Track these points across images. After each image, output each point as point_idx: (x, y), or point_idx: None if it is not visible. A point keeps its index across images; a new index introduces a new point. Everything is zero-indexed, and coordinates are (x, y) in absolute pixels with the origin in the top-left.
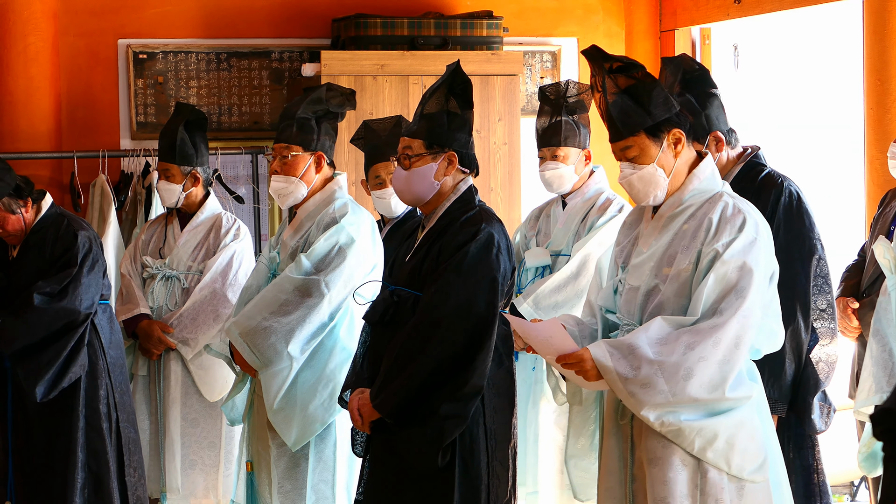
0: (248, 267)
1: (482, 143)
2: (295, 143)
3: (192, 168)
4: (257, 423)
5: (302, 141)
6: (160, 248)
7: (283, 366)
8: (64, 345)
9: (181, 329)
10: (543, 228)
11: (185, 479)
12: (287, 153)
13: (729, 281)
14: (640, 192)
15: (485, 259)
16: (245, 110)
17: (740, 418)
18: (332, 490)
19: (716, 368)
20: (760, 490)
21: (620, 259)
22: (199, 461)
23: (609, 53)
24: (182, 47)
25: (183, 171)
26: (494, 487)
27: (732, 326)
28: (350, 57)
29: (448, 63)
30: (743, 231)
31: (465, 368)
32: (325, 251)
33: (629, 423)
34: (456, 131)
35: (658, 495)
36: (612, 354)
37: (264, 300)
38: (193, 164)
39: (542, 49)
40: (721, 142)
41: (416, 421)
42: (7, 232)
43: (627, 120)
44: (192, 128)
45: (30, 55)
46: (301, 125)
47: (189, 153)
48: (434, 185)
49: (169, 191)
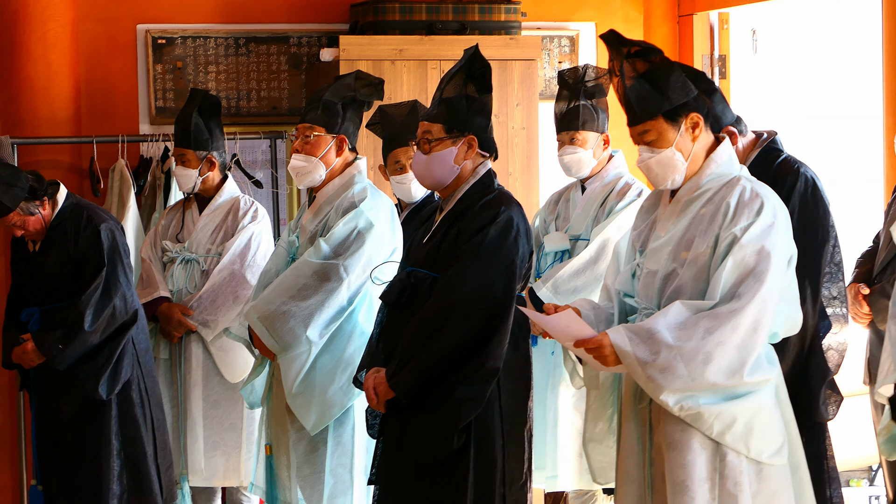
0: (266, 248)
1: (500, 127)
2: (318, 123)
3: (207, 153)
4: (276, 407)
5: (325, 123)
6: (179, 233)
7: (301, 350)
8: (118, 343)
9: (201, 311)
10: (563, 213)
11: (208, 461)
12: (310, 133)
13: (747, 265)
14: (657, 176)
15: (503, 242)
16: (263, 95)
17: (759, 402)
18: (351, 474)
19: (734, 353)
20: (779, 473)
21: (638, 243)
22: (221, 443)
23: (627, 38)
24: (201, 32)
25: (198, 156)
26: (510, 470)
27: (751, 311)
28: (368, 42)
29: (466, 48)
30: (761, 215)
31: (482, 351)
32: (343, 235)
33: (647, 407)
34: (475, 115)
35: (677, 479)
36: (631, 339)
37: (283, 284)
38: (208, 149)
39: (561, 34)
40: (734, 135)
41: (432, 403)
42: (29, 233)
43: (645, 104)
44: (206, 113)
45: (49, 41)
46: (326, 107)
47: (203, 138)
48: (454, 169)
49: (185, 176)
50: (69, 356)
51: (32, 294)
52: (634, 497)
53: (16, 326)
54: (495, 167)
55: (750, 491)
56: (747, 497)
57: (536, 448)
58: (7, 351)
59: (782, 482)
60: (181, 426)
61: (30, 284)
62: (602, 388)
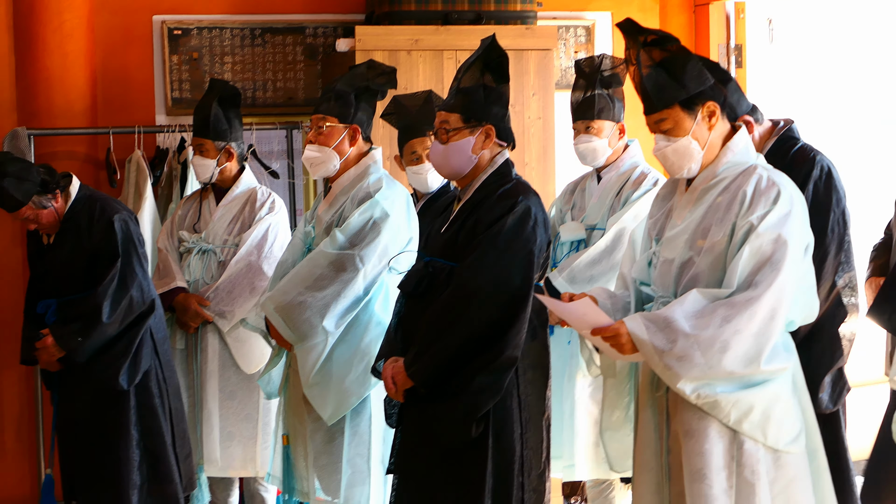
0: (283, 240)
1: (516, 117)
2: (331, 114)
3: (225, 143)
4: (293, 397)
5: (338, 113)
6: (196, 223)
7: (318, 340)
8: (136, 333)
9: (217, 302)
10: (578, 202)
11: (224, 451)
12: (322, 123)
13: (764, 253)
14: (674, 165)
15: (521, 232)
16: (279, 86)
17: (776, 390)
18: (368, 464)
19: (751, 341)
20: (796, 460)
21: (654, 232)
22: (237, 433)
23: (643, 27)
24: (216, 23)
25: (217, 146)
26: (528, 459)
27: (768, 299)
28: (384, 32)
29: (482, 38)
30: (777, 203)
31: (500, 340)
32: (359, 226)
33: (664, 395)
34: (492, 105)
35: (694, 467)
36: (648, 328)
37: (299, 275)
38: (227, 140)
39: (577, 24)
40: (750, 124)
41: (450, 392)
42: (43, 226)
43: (662, 93)
44: (226, 103)
45: (65, 32)
46: (339, 97)
47: (222, 128)
48: (472, 159)
49: (203, 166)
50: (88, 348)
51: (48, 286)
52: (652, 485)
53: (33, 320)
54: (512, 157)
55: (767, 479)
56: (764, 485)
57: (553, 437)
58: (26, 347)
59: (800, 470)
60: (197, 416)
61: (45, 277)
62: (619, 376)
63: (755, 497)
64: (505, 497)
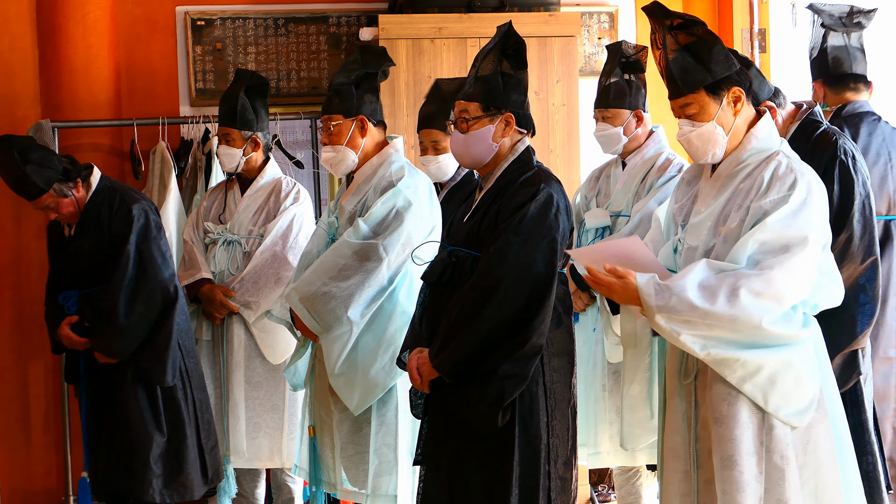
0: (308, 230)
1: (541, 104)
2: (335, 111)
3: (252, 133)
4: (319, 388)
5: (342, 109)
6: (221, 214)
7: (343, 330)
8: (170, 326)
9: (243, 292)
10: (603, 189)
11: (250, 442)
12: (330, 123)
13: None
14: (698, 150)
15: (544, 219)
16: (303, 75)
17: (788, 359)
18: (395, 454)
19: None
20: (824, 444)
21: (679, 217)
22: (264, 424)
23: (670, 10)
24: (240, 13)
25: (243, 135)
26: (554, 447)
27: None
28: (407, 20)
29: (499, 24)
30: (794, 190)
31: (525, 328)
32: (382, 215)
33: (692, 383)
34: (511, 92)
35: (725, 453)
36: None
37: (323, 265)
38: (254, 129)
39: (600, 10)
40: (773, 110)
41: (476, 381)
42: (63, 216)
43: (687, 77)
44: (253, 93)
45: (88, 24)
46: (338, 92)
47: (249, 118)
48: (492, 147)
49: (229, 155)
50: (126, 345)
51: (70, 278)
52: (680, 473)
53: (55, 311)
54: (536, 144)
55: (797, 463)
56: (794, 469)
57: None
58: (54, 336)
59: (828, 455)
60: (224, 408)
61: (67, 269)
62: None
63: (785, 482)
64: (532, 485)
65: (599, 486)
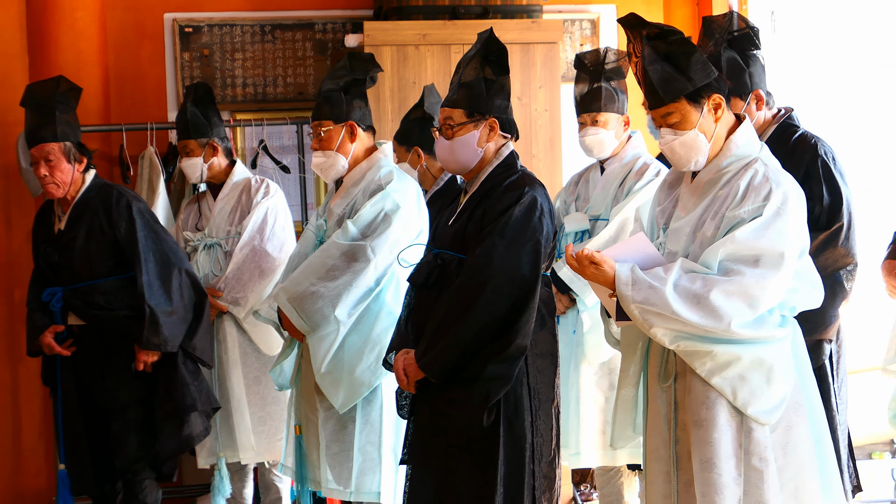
0: (284, 221)
1: (524, 110)
2: (326, 118)
3: (208, 139)
4: (305, 388)
5: (331, 114)
6: (197, 222)
7: (330, 330)
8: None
9: (229, 290)
10: (582, 193)
11: (257, 435)
12: (320, 129)
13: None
14: (682, 158)
15: (528, 222)
16: (290, 81)
17: (760, 356)
18: (379, 452)
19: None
20: (804, 446)
21: (661, 220)
22: (268, 417)
23: (646, 20)
24: (227, 20)
25: (200, 143)
26: (538, 446)
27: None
28: (392, 27)
29: (480, 31)
30: (768, 201)
31: (510, 329)
32: (370, 217)
33: (672, 386)
34: (494, 97)
35: (704, 456)
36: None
37: (311, 266)
38: (209, 135)
39: (582, 17)
40: (761, 100)
41: (462, 381)
42: (53, 178)
43: (668, 86)
44: (202, 102)
45: (78, 30)
46: (327, 98)
47: (201, 125)
48: (477, 153)
49: (191, 166)
50: (172, 337)
51: (59, 274)
52: (662, 474)
53: (39, 308)
54: (519, 149)
55: (776, 465)
56: (773, 471)
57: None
58: (33, 339)
59: (808, 457)
60: (226, 407)
61: (57, 264)
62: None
63: (764, 484)
64: (517, 484)
65: (582, 486)
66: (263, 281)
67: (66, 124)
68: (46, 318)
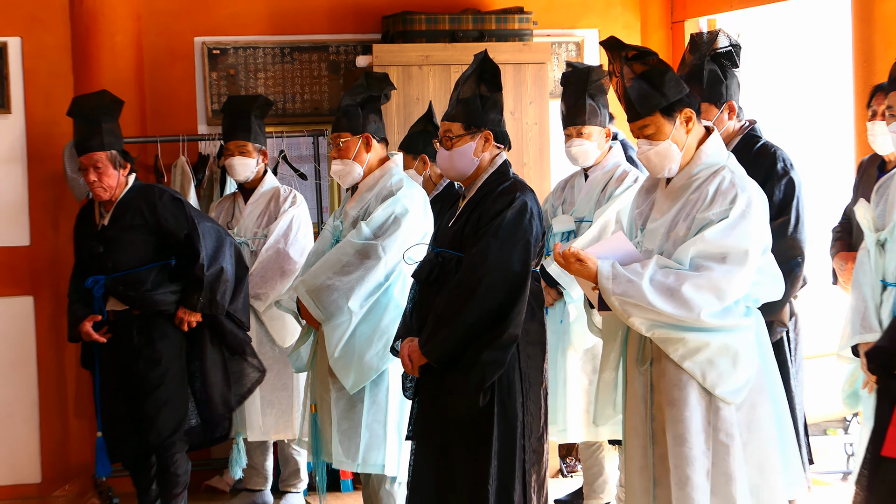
0: (306, 228)
1: (516, 123)
2: (344, 130)
3: (261, 146)
4: (320, 371)
5: (349, 127)
6: (229, 222)
7: (343, 319)
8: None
9: (253, 286)
10: (568, 198)
11: (264, 418)
12: (339, 140)
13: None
14: (656, 166)
15: (519, 224)
16: (307, 98)
17: (726, 343)
18: (384, 429)
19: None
20: (766, 423)
21: (639, 221)
22: (276, 402)
23: (625, 43)
24: (251, 43)
25: (256, 148)
26: (529, 424)
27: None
28: (398, 49)
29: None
30: (734, 204)
31: (503, 320)
32: (382, 219)
33: (648, 369)
34: (489, 112)
35: (676, 432)
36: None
37: (328, 262)
38: (263, 144)
39: (568, 40)
40: (733, 111)
41: (460, 367)
42: (101, 184)
43: (644, 102)
44: (262, 113)
45: (117, 52)
46: (346, 113)
47: (261, 134)
48: (474, 161)
49: (245, 165)
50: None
51: (103, 264)
52: (639, 448)
53: (80, 301)
54: (511, 158)
55: (741, 440)
56: (738, 446)
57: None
58: (74, 326)
59: (770, 433)
60: None
61: (101, 255)
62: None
63: (730, 457)
64: (509, 457)
65: (567, 459)
66: (284, 280)
67: (110, 134)
68: (86, 309)
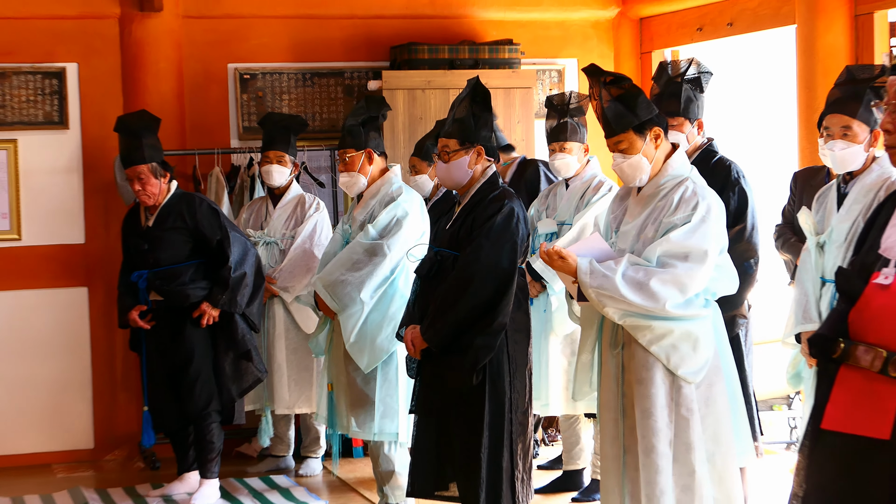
0: (327, 231)
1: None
2: (348, 146)
3: (294, 158)
4: (336, 355)
5: (353, 144)
6: (261, 222)
7: (356, 309)
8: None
9: (282, 280)
10: (551, 204)
11: (291, 393)
12: (345, 155)
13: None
14: (629, 177)
15: (508, 227)
16: (325, 117)
17: (688, 330)
18: (396, 402)
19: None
20: (721, 400)
21: (614, 225)
22: (301, 380)
23: (603, 69)
24: (276, 69)
25: (290, 159)
26: (515, 400)
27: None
28: (404, 75)
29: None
30: (696, 210)
31: (493, 310)
32: (386, 222)
33: (620, 352)
34: (481, 130)
35: (644, 406)
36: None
37: (341, 260)
38: (294, 155)
39: (551, 67)
40: (701, 127)
41: (456, 350)
42: (145, 192)
43: (619, 120)
44: (300, 130)
45: (161, 76)
46: (350, 131)
47: (296, 147)
48: (468, 173)
49: (282, 173)
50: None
51: (147, 260)
52: (611, 421)
53: (128, 292)
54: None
55: (700, 414)
56: (697, 419)
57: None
58: (124, 314)
59: (724, 408)
60: (270, 368)
61: (145, 252)
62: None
63: (690, 429)
64: (499, 428)
65: (548, 430)
66: (308, 276)
67: (151, 147)
68: (133, 299)
